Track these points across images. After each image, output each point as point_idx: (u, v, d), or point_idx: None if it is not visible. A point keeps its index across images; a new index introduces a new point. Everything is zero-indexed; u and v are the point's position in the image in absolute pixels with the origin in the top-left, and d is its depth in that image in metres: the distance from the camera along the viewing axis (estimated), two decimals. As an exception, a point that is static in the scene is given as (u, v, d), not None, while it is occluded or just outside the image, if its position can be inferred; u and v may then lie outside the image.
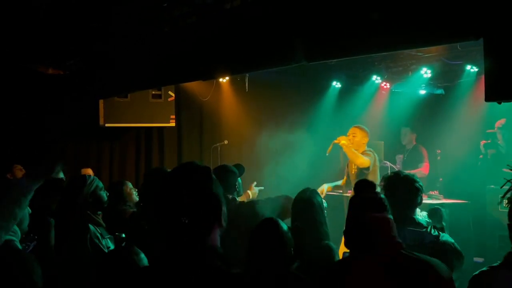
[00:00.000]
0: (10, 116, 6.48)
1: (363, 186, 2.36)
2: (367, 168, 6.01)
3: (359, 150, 6.13)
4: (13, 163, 5.99)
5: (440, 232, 3.07)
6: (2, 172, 5.82)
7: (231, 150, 8.18)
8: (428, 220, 3.48)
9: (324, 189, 6.06)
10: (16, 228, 2.73)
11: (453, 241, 3.09)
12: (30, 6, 4.64)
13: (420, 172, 7.40)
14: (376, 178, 6.08)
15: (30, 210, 2.93)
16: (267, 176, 7.80)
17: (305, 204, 3.73)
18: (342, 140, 6.06)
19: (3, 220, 2.73)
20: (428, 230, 2.94)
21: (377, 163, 6.22)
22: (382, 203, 2.29)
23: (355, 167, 6.23)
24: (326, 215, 6.95)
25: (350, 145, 6.06)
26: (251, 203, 4.22)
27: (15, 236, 2.73)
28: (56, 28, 5.20)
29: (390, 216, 2.27)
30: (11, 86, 6.44)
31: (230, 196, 4.20)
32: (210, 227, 1.74)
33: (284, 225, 2.83)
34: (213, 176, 1.80)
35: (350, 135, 6.25)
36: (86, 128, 7.04)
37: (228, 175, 4.30)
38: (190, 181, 1.75)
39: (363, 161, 5.96)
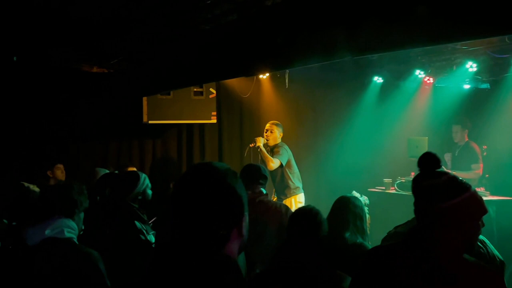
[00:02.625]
0: (51, 115, 6.66)
1: (427, 163, 2.00)
2: (281, 166, 6.45)
3: (274, 144, 6.61)
4: (56, 162, 6.16)
5: None
6: (43, 170, 5.99)
7: (271, 147, 8.20)
8: None
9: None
10: (74, 225, 2.81)
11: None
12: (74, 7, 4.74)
13: (475, 176, 7.18)
14: (291, 170, 6.55)
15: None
16: (307, 172, 7.79)
17: (340, 205, 3.73)
18: (258, 143, 6.51)
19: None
20: None
21: (291, 157, 6.61)
22: (460, 184, 1.94)
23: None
24: (367, 211, 6.91)
25: (266, 141, 6.59)
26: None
27: (74, 233, 2.80)
28: (100, 28, 5.31)
29: (473, 189, 1.95)
30: (58, 86, 6.63)
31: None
32: (228, 234, 1.50)
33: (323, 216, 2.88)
34: (237, 177, 1.57)
35: (268, 131, 6.65)
36: (130, 125, 7.19)
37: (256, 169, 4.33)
38: (207, 180, 1.51)
39: (273, 165, 6.33)
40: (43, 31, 5.27)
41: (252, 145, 6.62)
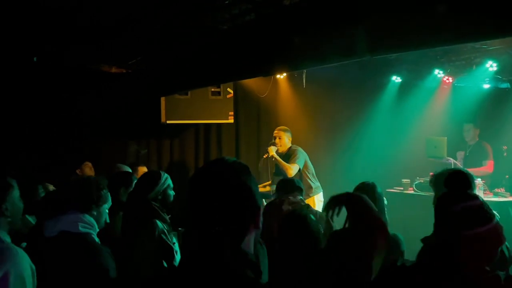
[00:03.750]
0: (69, 115, 6.73)
1: (458, 184, 2.03)
2: (300, 169, 6.43)
3: (285, 149, 6.57)
4: (85, 160, 6.25)
5: None
6: (72, 168, 6.07)
7: (289, 146, 8.19)
8: None
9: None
10: (92, 220, 2.83)
11: None
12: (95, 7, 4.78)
13: (485, 171, 7.14)
14: (309, 171, 6.55)
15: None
16: (325, 172, 7.77)
17: (363, 191, 3.71)
18: (271, 152, 6.47)
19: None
20: None
21: (307, 158, 6.58)
22: (486, 213, 1.92)
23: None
24: (385, 212, 6.84)
25: (279, 147, 6.56)
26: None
27: (92, 229, 2.82)
28: (119, 29, 5.35)
29: (496, 220, 1.92)
30: (77, 86, 6.69)
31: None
32: (244, 229, 1.54)
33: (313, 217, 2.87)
34: (249, 172, 1.61)
35: (276, 138, 6.63)
36: (148, 125, 7.24)
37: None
38: (221, 177, 1.55)
39: (293, 172, 6.31)
40: (60, 31, 5.32)
41: (266, 156, 6.62)
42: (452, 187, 2.01)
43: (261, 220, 1.59)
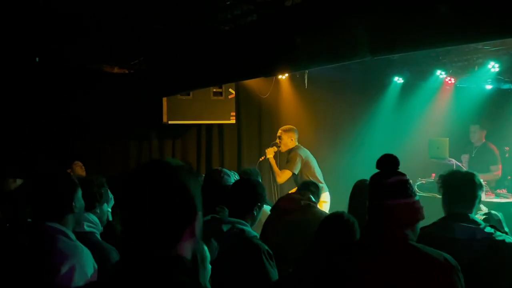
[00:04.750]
0: (71, 115, 6.73)
1: (386, 164, 2.24)
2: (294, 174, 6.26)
3: (287, 149, 6.42)
4: (74, 160, 6.25)
5: (497, 231, 2.86)
6: (63, 168, 6.06)
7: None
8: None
9: None
10: (96, 219, 2.84)
11: None
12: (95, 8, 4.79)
13: (494, 177, 7.08)
14: (311, 172, 6.31)
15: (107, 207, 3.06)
16: (326, 173, 7.76)
17: (361, 189, 3.72)
18: (268, 155, 6.38)
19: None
20: (482, 227, 2.77)
21: (308, 158, 6.37)
22: (409, 189, 2.17)
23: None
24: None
25: (281, 147, 6.41)
26: None
27: (96, 228, 2.83)
28: (121, 29, 5.35)
29: (417, 198, 2.17)
30: (79, 86, 6.70)
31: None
32: (177, 236, 1.41)
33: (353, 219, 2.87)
34: (193, 175, 1.50)
35: (277, 139, 6.51)
36: (150, 125, 7.25)
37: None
38: (154, 176, 1.43)
39: (283, 178, 6.29)
40: (62, 31, 5.33)
41: (262, 158, 6.50)
42: (384, 167, 2.25)
43: (198, 227, 1.45)
